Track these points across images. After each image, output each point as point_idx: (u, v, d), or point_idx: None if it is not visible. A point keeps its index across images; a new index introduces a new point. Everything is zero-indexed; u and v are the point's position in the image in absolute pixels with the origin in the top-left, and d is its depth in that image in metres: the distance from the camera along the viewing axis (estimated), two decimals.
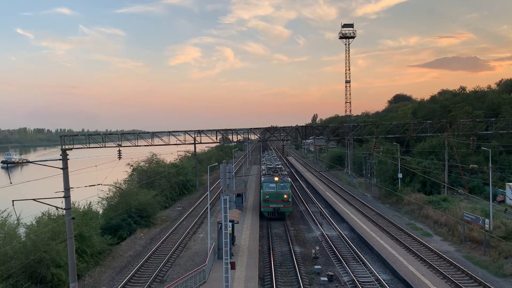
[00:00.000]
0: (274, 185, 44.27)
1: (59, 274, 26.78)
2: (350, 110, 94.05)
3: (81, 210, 35.74)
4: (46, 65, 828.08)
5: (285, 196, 44.32)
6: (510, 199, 46.63)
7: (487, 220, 33.14)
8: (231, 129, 71.17)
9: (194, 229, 42.80)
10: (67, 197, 23.56)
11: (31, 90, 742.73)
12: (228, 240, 19.81)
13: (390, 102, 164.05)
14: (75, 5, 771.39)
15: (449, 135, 55.73)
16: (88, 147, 64.55)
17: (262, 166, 66.94)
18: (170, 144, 68.49)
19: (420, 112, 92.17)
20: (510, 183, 47.34)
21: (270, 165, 57.70)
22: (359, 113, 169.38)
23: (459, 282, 25.63)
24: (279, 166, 56.72)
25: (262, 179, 47.21)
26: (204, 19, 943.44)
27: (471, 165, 49.77)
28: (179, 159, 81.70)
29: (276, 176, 45.18)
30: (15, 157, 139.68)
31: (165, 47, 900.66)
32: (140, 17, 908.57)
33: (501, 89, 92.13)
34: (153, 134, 67.35)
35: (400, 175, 55.13)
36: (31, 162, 27.48)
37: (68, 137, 66.67)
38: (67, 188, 23.58)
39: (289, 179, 47.56)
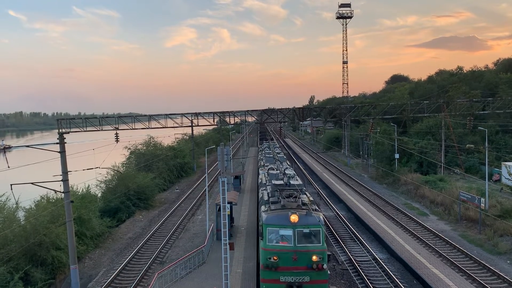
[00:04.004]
0: (289, 231, 19.43)
1: (59, 257, 27.07)
2: (348, 91, 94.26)
3: (79, 193, 35.91)
4: (41, 48, 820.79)
5: (314, 257, 19.04)
6: (505, 178, 47.00)
7: (483, 199, 33.51)
8: (228, 112, 70.94)
9: (193, 211, 43.09)
10: (65, 180, 23.66)
11: (26, 73, 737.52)
12: (227, 221, 19.95)
13: (387, 82, 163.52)
14: None
15: (446, 115, 55.78)
16: (85, 131, 64.44)
17: (260, 175, 35.78)
18: (167, 127, 68.30)
19: (417, 92, 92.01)
20: (505, 163, 47.64)
21: (278, 178, 28.16)
22: (357, 94, 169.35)
23: (454, 260, 26.03)
24: (297, 181, 28.04)
25: (264, 215, 20.77)
26: None
27: (467, 145, 49.92)
28: (177, 142, 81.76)
29: (294, 213, 19.63)
30: None
31: (160, 28, 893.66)
32: None
33: (498, 69, 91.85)
34: (150, 117, 67.13)
35: (397, 156, 55.41)
36: (28, 146, 27.35)
37: (64, 120, 66.44)
38: (65, 172, 23.67)
39: (322, 215, 20.66)
